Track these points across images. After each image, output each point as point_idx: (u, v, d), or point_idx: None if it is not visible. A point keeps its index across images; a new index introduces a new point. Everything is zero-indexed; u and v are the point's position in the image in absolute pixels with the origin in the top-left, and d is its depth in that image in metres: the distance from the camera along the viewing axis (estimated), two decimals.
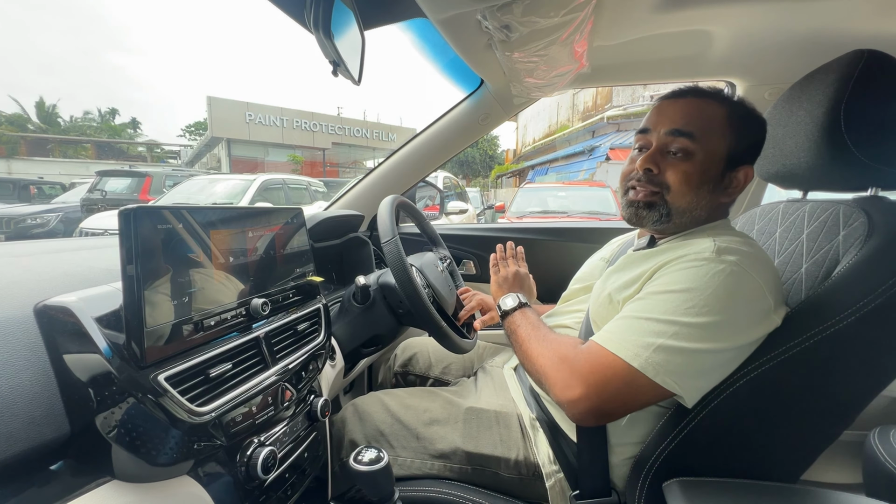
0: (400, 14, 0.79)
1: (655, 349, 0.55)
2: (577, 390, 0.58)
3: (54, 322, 0.44)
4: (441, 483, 0.74)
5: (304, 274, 0.73)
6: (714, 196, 0.68)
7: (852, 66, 0.60)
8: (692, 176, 0.66)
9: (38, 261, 0.58)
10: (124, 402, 0.43)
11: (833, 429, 0.61)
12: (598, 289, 0.75)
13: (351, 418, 0.83)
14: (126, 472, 0.44)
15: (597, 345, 0.60)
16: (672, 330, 0.55)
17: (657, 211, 0.68)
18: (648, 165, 0.67)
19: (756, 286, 0.57)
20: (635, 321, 0.59)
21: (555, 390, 0.61)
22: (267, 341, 0.61)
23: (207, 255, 0.53)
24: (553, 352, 0.65)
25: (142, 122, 34.60)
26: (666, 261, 0.63)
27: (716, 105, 0.66)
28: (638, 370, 0.55)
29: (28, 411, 0.40)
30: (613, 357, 0.57)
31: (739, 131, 0.66)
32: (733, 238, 0.63)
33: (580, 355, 0.61)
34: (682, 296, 0.57)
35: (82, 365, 0.43)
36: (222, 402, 0.50)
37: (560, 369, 0.61)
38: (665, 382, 0.55)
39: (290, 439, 0.65)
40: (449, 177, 7.07)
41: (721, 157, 0.66)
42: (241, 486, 0.55)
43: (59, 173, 15.96)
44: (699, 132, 0.65)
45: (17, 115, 25.07)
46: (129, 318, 0.43)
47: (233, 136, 17.76)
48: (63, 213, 6.69)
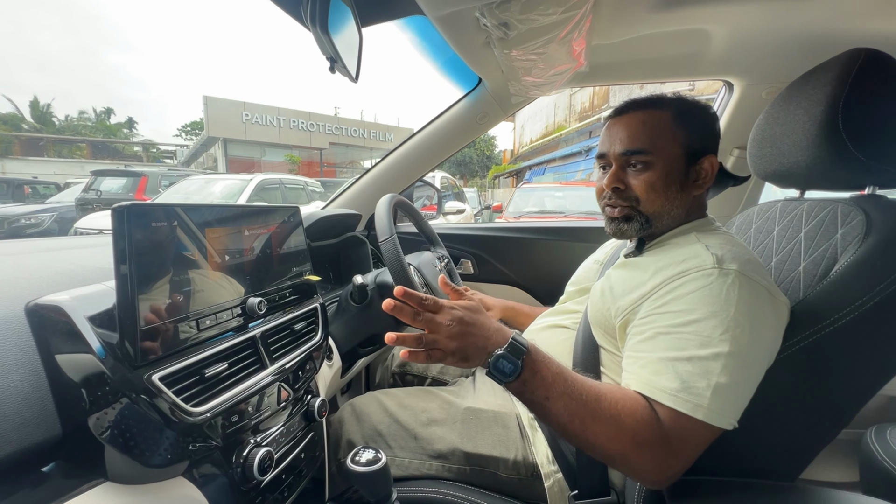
0: (398, 11, 0.78)
1: (712, 392, 0.52)
2: (674, 469, 0.53)
3: (46, 321, 0.43)
4: (439, 483, 0.74)
5: (301, 273, 0.72)
6: (684, 193, 0.70)
7: (850, 64, 0.60)
8: (656, 182, 0.68)
9: (29, 259, 0.58)
10: (117, 403, 0.42)
11: (831, 427, 0.62)
12: (595, 291, 0.75)
13: (349, 418, 0.83)
14: (119, 473, 0.43)
15: (668, 409, 0.53)
16: (718, 366, 0.53)
17: (636, 221, 0.71)
18: (615, 184, 0.71)
19: (762, 290, 0.57)
20: (677, 364, 0.55)
21: (644, 475, 0.54)
22: (263, 341, 0.60)
23: (203, 254, 0.52)
24: (630, 433, 0.53)
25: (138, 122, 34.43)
26: (667, 277, 0.61)
27: (657, 112, 0.69)
28: (704, 422, 0.52)
29: (19, 412, 0.39)
30: (680, 416, 0.52)
31: (689, 127, 0.68)
32: (721, 240, 0.64)
33: (665, 431, 0.53)
34: (709, 323, 0.55)
35: (74, 365, 0.42)
36: (217, 402, 0.50)
37: (649, 455, 0.53)
38: (725, 423, 0.53)
39: (287, 440, 0.64)
40: (446, 177, 7.07)
41: (678, 157, 0.68)
42: (237, 488, 0.54)
43: (53, 173, 15.83)
44: (649, 144, 0.68)
45: (12, 115, 24.87)
46: (123, 317, 0.42)
47: (229, 136, 17.70)
48: (58, 212, 6.65)
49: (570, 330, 0.83)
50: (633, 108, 0.71)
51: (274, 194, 5.71)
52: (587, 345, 0.74)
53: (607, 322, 0.69)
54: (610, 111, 0.75)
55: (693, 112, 0.70)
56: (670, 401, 0.53)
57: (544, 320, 0.92)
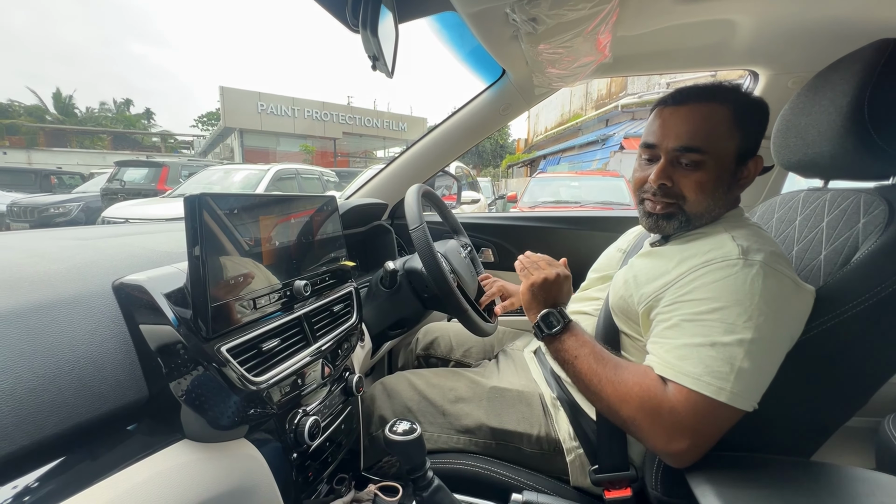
0: (431, 8, 0.81)
1: (736, 376, 0.55)
2: (683, 443, 0.56)
3: (130, 298, 0.48)
4: (466, 456, 0.79)
5: (338, 258, 0.77)
6: (730, 194, 0.69)
7: (877, 55, 0.60)
8: (706, 184, 0.66)
9: (105, 244, 0.63)
10: (194, 370, 0.47)
11: (846, 408, 0.64)
12: (618, 279, 0.77)
13: (380, 395, 0.88)
14: (194, 432, 0.49)
15: (684, 389, 0.56)
16: (741, 352, 0.55)
17: (676, 220, 0.69)
18: (662, 181, 0.68)
19: (787, 281, 0.59)
20: (701, 349, 0.57)
21: (653, 442, 0.59)
22: (308, 320, 0.65)
23: (258, 240, 0.57)
24: (638, 399, 0.59)
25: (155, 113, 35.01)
26: (692, 265, 0.63)
27: (720, 107, 0.65)
28: (726, 404, 0.55)
29: (115, 375, 0.45)
30: (705, 399, 0.55)
31: (747, 127, 0.66)
32: (748, 232, 0.65)
33: (674, 404, 0.57)
34: (734, 310, 0.57)
35: (156, 335, 0.47)
36: (274, 373, 0.55)
37: (657, 421, 0.58)
38: (747, 405, 0.56)
39: (329, 412, 0.70)
40: (460, 166, 7.05)
41: (732, 159, 0.66)
42: (290, 452, 0.60)
43: (77, 163, 16.32)
44: (707, 143, 0.65)
45: (36, 107, 25.58)
46: (196, 294, 0.48)
47: (245, 126, 17.89)
48: (84, 202, 6.85)
49: (592, 316, 0.86)
50: (693, 99, 0.66)
51: (290, 184, 5.77)
52: (608, 329, 0.77)
53: (630, 308, 0.71)
54: (664, 96, 0.70)
55: (752, 111, 0.67)
56: (695, 384, 0.56)
57: (567, 307, 0.95)
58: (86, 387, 0.42)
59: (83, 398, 0.42)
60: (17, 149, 18.31)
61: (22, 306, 0.43)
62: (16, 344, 0.40)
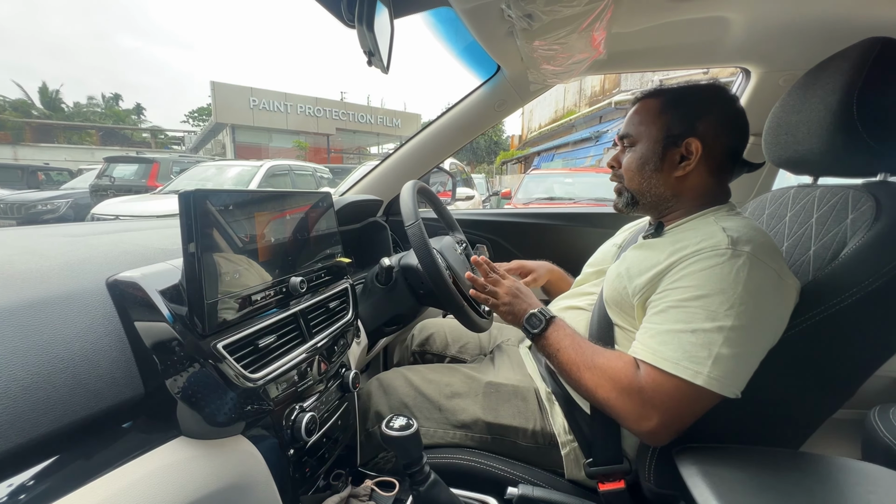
0: (427, 4, 0.81)
1: (713, 361, 0.57)
2: (652, 421, 0.60)
3: (125, 295, 0.48)
4: (462, 451, 0.79)
5: (334, 255, 0.77)
6: (662, 174, 0.75)
7: (867, 53, 0.61)
8: (633, 161, 0.78)
9: (97, 241, 0.63)
10: (190, 367, 0.47)
11: (833, 401, 0.65)
12: (611, 272, 0.78)
13: (376, 391, 0.89)
14: (190, 429, 0.49)
15: (656, 370, 0.60)
16: (720, 338, 0.58)
17: (624, 196, 0.81)
18: (611, 163, 0.84)
19: (771, 272, 0.60)
20: (682, 335, 0.60)
21: (627, 422, 0.63)
22: (304, 317, 0.65)
23: (253, 236, 0.57)
24: (611, 381, 0.64)
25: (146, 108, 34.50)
26: (683, 255, 0.65)
27: (652, 101, 0.77)
28: (703, 387, 0.57)
29: (110, 372, 0.44)
30: (677, 380, 0.58)
31: (674, 111, 0.74)
32: (740, 224, 0.66)
33: (644, 384, 0.61)
34: (716, 299, 0.59)
35: (152, 332, 0.47)
36: (270, 369, 0.55)
37: (628, 402, 0.62)
38: (727, 391, 0.58)
39: (326, 408, 0.70)
40: (455, 163, 7.04)
41: (657, 140, 0.74)
42: (287, 448, 0.60)
43: (64, 159, 16.01)
44: (636, 129, 0.77)
45: (21, 101, 25.07)
46: (191, 290, 0.47)
47: (237, 122, 17.69)
48: (73, 199, 6.75)
49: (586, 311, 0.87)
50: (639, 98, 0.80)
51: (283, 180, 5.71)
52: (602, 323, 0.78)
53: (624, 301, 0.73)
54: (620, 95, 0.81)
55: (682, 97, 0.75)
56: (673, 368, 0.59)
57: (561, 302, 0.96)
58: (81, 384, 0.42)
59: (78, 395, 0.42)
60: (2, 144, 17.95)
61: (15, 303, 0.42)
62: (9, 341, 0.39)
